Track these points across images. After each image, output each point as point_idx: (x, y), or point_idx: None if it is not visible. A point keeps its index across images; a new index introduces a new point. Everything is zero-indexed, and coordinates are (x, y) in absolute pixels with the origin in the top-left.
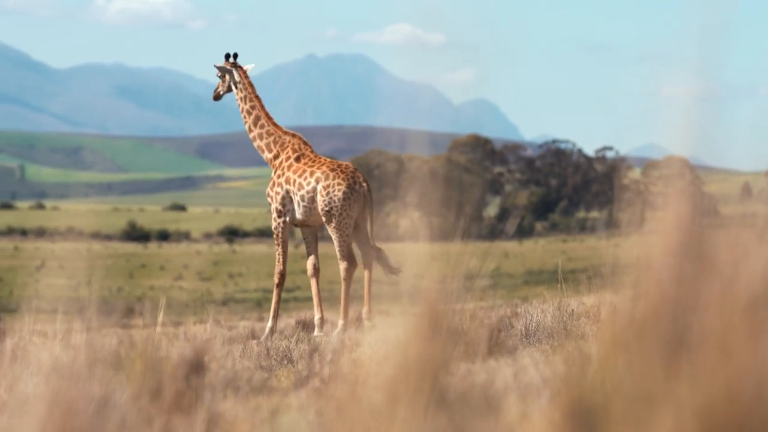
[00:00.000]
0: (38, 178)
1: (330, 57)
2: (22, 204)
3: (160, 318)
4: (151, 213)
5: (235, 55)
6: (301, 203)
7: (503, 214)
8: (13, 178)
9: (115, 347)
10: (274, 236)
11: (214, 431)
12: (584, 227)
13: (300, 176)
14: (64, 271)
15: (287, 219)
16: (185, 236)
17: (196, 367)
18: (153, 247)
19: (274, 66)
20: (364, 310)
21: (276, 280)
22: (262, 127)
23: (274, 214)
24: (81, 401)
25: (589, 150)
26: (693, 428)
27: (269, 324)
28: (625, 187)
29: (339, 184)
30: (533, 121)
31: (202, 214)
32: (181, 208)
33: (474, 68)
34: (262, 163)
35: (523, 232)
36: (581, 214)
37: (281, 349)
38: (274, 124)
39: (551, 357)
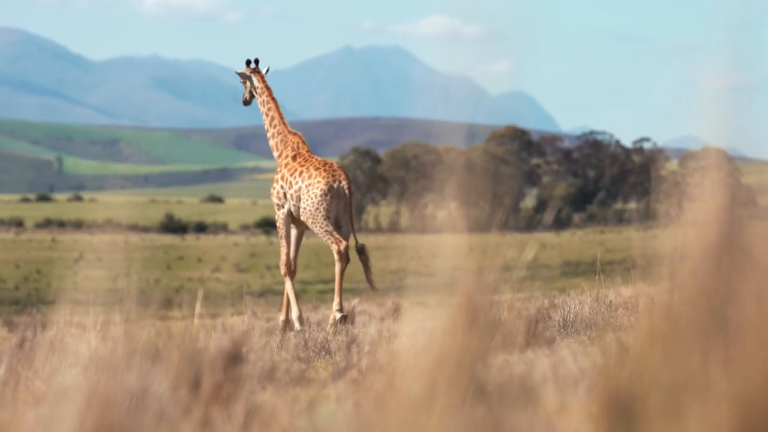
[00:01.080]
0: (76, 170)
1: (366, 49)
2: (60, 196)
3: (198, 309)
4: (188, 205)
5: (257, 61)
6: (290, 201)
7: (540, 206)
8: (51, 170)
9: (153, 339)
10: (277, 228)
11: (252, 422)
12: (622, 218)
13: (291, 175)
14: (102, 263)
15: (285, 211)
16: (222, 228)
17: (234, 358)
18: (190, 238)
19: (311, 58)
20: (335, 302)
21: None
22: (274, 127)
23: (275, 208)
24: (119, 393)
25: (627, 141)
26: (731, 419)
27: (294, 314)
28: (663, 179)
29: (318, 182)
30: (570, 112)
31: (240, 206)
32: (219, 199)
33: (510, 59)
34: None
35: (561, 224)
36: (619, 205)
37: (319, 340)
38: (284, 124)
39: (589, 348)
